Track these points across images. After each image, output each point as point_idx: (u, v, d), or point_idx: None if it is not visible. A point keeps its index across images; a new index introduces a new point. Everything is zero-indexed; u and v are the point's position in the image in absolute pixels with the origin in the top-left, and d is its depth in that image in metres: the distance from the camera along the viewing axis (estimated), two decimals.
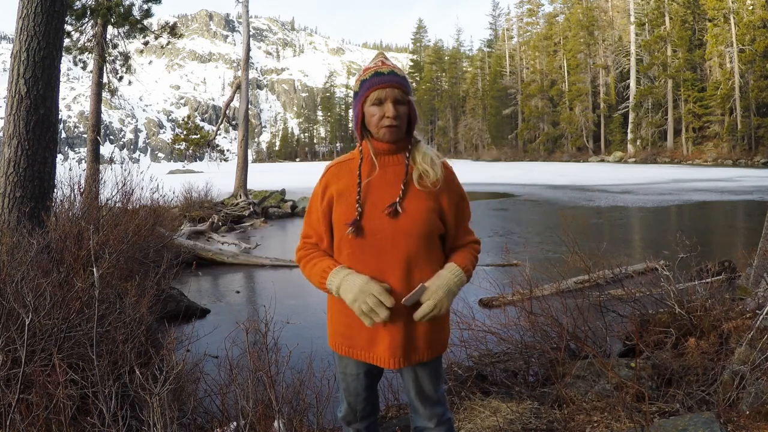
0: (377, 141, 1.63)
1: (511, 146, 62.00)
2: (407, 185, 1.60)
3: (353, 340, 1.65)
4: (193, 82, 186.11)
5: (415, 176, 1.61)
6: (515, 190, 21.51)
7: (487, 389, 3.10)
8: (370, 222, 1.58)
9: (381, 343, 1.60)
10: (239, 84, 17.76)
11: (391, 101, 1.57)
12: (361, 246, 1.58)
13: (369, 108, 1.60)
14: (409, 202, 1.59)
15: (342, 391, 1.77)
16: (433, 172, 1.61)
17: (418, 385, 1.69)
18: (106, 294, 3.37)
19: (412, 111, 1.63)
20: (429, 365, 1.68)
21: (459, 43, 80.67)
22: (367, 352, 1.63)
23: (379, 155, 1.64)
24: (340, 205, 1.63)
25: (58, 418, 2.09)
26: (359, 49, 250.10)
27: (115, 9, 12.47)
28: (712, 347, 3.00)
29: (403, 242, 1.57)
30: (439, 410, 1.72)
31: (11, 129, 4.73)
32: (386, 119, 1.57)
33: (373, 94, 1.58)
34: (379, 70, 1.60)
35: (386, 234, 1.57)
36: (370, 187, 1.61)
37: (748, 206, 14.71)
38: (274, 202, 16.70)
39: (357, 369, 1.70)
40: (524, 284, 3.96)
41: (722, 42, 40.12)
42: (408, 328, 1.59)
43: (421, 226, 1.58)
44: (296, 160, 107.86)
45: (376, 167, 1.63)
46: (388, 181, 1.62)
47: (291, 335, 3.02)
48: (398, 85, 1.58)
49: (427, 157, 1.63)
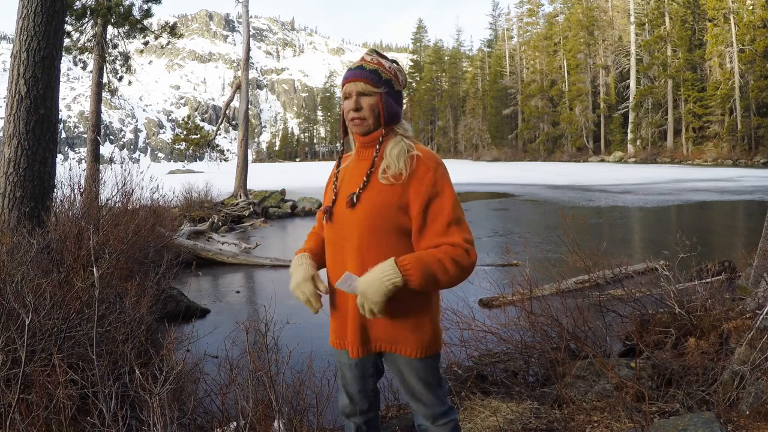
0: (354, 134, 1.68)
1: (511, 146, 62.00)
2: (370, 177, 1.61)
3: (338, 332, 1.74)
4: (193, 82, 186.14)
5: (381, 167, 1.59)
6: (515, 190, 21.51)
7: (487, 389, 3.10)
8: (338, 209, 1.66)
9: (347, 333, 1.68)
10: (239, 84, 17.76)
11: (354, 94, 1.61)
12: (331, 231, 1.68)
13: (342, 103, 1.67)
14: (367, 194, 1.59)
15: (339, 381, 1.82)
16: (395, 164, 1.56)
17: (404, 382, 1.70)
18: (106, 294, 3.37)
19: (383, 103, 1.60)
20: (413, 363, 1.64)
21: (459, 43, 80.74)
22: (341, 340, 1.72)
23: (359, 147, 1.70)
24: (325, 191, 1.79)
25: (58, 418, 2.09)
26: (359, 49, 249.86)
27: (115, 9, 12.47)
28: (712, 347, 3.00)
29: (357, 233, 1.59)
30: (437, 410, 1.70)
31: (11, 129, 4.73)
32: (350, 112, 1.62)
33: (344, 89, 1.64)
34: (351, 66, 1.65)
35: (345, 223, 1.63)
36: (345, 175, 1.70)
37: (748, 206, 14.71)
38: (274, 202, 16.69)
39: (350, 361, 1.74)
40: (524, 284, 3.95)
41: (722, 42, 40.13)
42: (365, 319, 1.61)
43: (371, 219, 1.56)
44: (296, 160, 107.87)
45: (355, 159, 1.71)
46: (358, 172, 1.66)
47: (291, 335, 3.02)
48: (362, 78, 1.59)
49: (395, 150, 1.59)
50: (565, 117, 54.26)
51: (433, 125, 77.11)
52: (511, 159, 57.23)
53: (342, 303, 1.69)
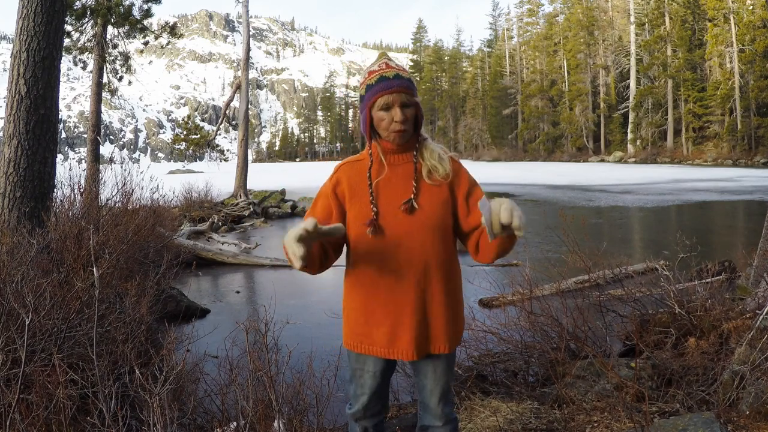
0: (386, 142, 1.67)
1: (511, 146, 61.99)
2: (419, 182, 1.65)
3: (372, 338, 1.67)
4: (193, 82, 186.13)
5: (424, 172, 1.66)
6: (515, 190, 21.50)
7: (487, 389, 3.10)
8: (387, 219, 1.62)
9: (401, 337, 1.63)
10: (239, 84, 17.76)
11: (398, 106, 1.60)
12: (378, 243, 1.62)
13: (377, 113, 1.63)
14: (423, 198, 1.64)
15: (356, 389, 1.78)
16: (441, 167, 1.66)
17: (435, 379, 1.70)
18: (106, 294, 3.37)
19: (419, 111, 1.66)
20: (447, 358, 1.71)
21: (459, 43, 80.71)
22: (388, 347, 1.66)
23: (388, 154, 1.68)
24: (354, 205, 1.66)
25: (58, 418, 2.09)
26: (359, 49, 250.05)
27: (115, 9, 12.47)
28: (712, 347, 3.00)
29: (419, 236, 1.62)
30: (448, 409, 1.75)
31: (11, 129, 4.73)
32: (395, 124, 1.61)
33: (381, 100, 1.61)
34: (384, 74, 1.62)
35: (403, 229, 1.62)
36: (380, 186, 1.66)
37: (748, 206, 14.71)
38: (274, 202, 16.69)
39: (375, 367, 1.72)
40: (524, 284, 3.95)
41: (722, 42, 40.13)
42: (427, 321, 1.63)
43: (436, 219, 1.63)
44: (296, 160, 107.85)
45: (386, 167, 1.67)
46: (398, 179, 1.66)
47: (291, 335, 3.02)
48: (404, 89, 1.61)
49: (435, 153, 1.67)
50: (565, 117, 54.25)
51: (433, 125, 77.06)
52: (511, 159, 57.21)
53: (392, 306, 1.63)
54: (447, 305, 1.66)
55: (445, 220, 1.65)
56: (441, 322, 1.65)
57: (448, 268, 1.66)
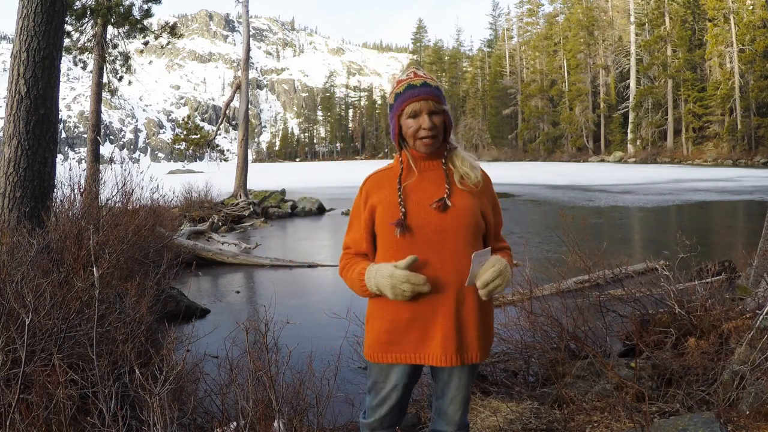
0: (415, 150, 1.67)
1: (511, 146, 62.00)
2: (451, 185, 1.65)
3: (401, 345, 1.63)
4: (193, 82, 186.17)
5: (456, 178, 1.66)
6: (515, 190, 21.50)
7: (487, 389, 3.10)
8: (416, 219, 1.61)
9: (433, 340, 1.60)
10: (239, 84, 17.76)
11: (426, 113, 1.61)
12: (407, 243, 1.60)
13: (405, 121, 1.63)
14: (456, 198, 1.63)
15: (374, 400, 1.73)
16: (473, 174, 1.66)
17: (459, 388, 1.68)
18: (106, 294, 3.37)
19: (447, 119, 1.66)
20: (473, 368, 1.70)
21: (459, 43, 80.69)
22: (417, 352, 1.62)
23: (418, 161, 1.68)
24: (383, 209, 1.65)
25: (58, 418, 2.09)
26: (359, 49, 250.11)
27: (115, 9, 12.47)
28: (712, 347, 3.00)
29: (451, 235, 1.60)
30: (465, 417, 1.73)
31: (11, 129, 4.73)
32: (423, 131, 1.61)
33: (409, 108, 1.61)
34: (412, 82, 1.63)
35: (433, 228, 1.60)
36: (409, 190, 1.65)
37: (748, 206, 14.71)
38: (274, 202, 16.69)
39: (398, 380, 1.68)
40: (524, 284, 3.95)
41: (722, 42, 40.13)
42: (460, 325, 1.61)
43: (469, 218, 1.62)
44: (296, 160, 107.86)
45: (415, 173, 1.67)
46: (428, 183, 1.66)
47: (291, 335, 3.02)
48: (432, 97, 1.61)
49: (467, 161, 1.68)
50: (565, 117, 54.26)
51: None
52: (511, 159, 57.23)
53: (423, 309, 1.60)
54: (481, 312, 1.65)
55: (478, 220, 1.64)
56: (474, 329, 1.63)
57: None
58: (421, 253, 1.58)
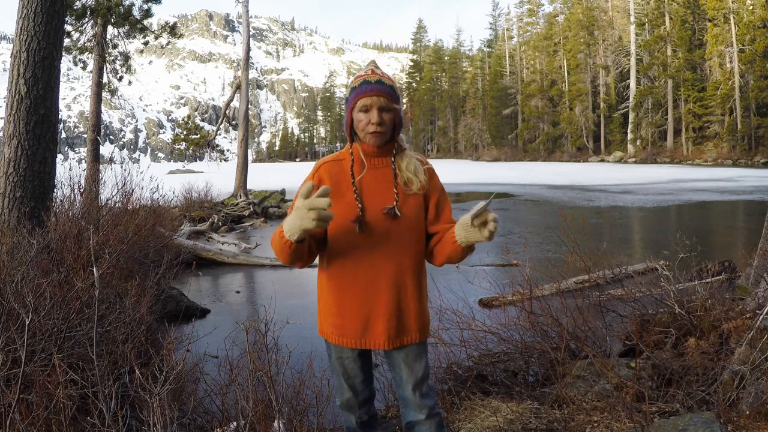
0: (365, 144, 1.75)
1: (511, 146, 61.98)
2: (399, 190, 1.74)
3: (344, 329, 1.74)
4: (193, 82, 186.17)
5: (401, 181, 1.75)
6: (515, 190, 21.50)
7: (487, 389, 3.10)
8: (371, 218, 1.70)
9: (375, 328, 1.72)
10: (239, 84, 17.76)
11: (376, 108, 1.68)
12: (359, 239, 1.70)
13: (357, 114, 1.71)
14: (403, 206, 1.73)
15: (339, 376, 1.84)
16: (417, 180, 1.75)
17: (408, 367, 1.77)
18: (106, 294, 3.37)
19: (398, 118, 1.74)
20: (418, 347, 1.78)
21: (459, 43, 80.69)
22: (360, 339, 1.74)
23: (368, 157, 1.76)
24: (338, 201, 1.70)
25: (58, 418, 2.09)
26: (359, 49, 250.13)
27: (115, 9, 12.47)
28: (712, 347, 3.00)
29: (398, 238, 1.72)
30: (429, 402, 1.79)
31: (11, 129, 4.73)
32: (371, 125, 1.69)
33: (361, 102, 1.69)
34: (367, 78, 1.71)
35: (382, 230, 1.70)
36: (363, 185, 1.73)
37: (748, 206, 14.71)
38: (274, 202, 16.70)
39: (353, 352, 1.79)
40: (524, 284, 3.95)
41: (722, 42, 40.12)
42: (400, 312, 1.73)
43: (413, 226, 1.74)
44: (296, 160, 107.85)
45: (365, 167, 1.75)
46: (379, 183, 1.75)
47: (291, 335, 3.02)
48: (384, 94, 1.68)
49: (411, 165, 1.76)
50: (565, 117, 54.24)
51: (433, 125, 77.07)
52: (511, 159, 57.20)
53: (367, 299, 1.71)
54: (418, 299, 1.76)
55: (421, 224, 1.77)
56: (413, 314, 1.75)
57: (420, 265, 1.77)
58: (372, 249, 1.70)
